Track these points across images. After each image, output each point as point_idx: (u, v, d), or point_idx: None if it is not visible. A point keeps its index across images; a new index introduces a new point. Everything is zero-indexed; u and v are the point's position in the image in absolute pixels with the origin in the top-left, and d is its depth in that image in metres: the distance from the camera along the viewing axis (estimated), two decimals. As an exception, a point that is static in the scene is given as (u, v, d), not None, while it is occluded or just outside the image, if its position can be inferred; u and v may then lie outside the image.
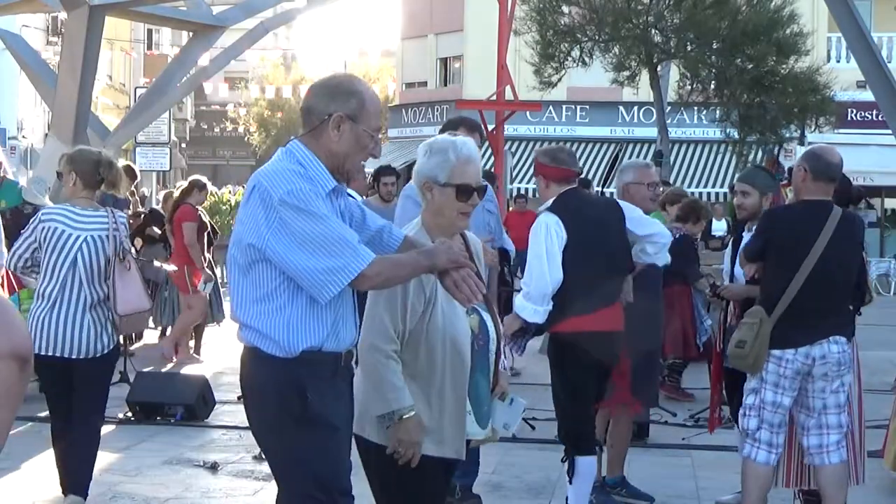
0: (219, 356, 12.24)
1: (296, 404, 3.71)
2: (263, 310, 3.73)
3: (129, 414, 9.02)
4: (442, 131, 6.49)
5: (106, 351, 6.14)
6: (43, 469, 7.12)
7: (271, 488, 7.22)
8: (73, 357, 6.01)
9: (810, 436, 5.93)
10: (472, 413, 4.26)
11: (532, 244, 6.05)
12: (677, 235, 10.36)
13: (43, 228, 6.05)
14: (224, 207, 21.75)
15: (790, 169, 6.80)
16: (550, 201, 6.14)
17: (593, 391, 6.18)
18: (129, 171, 12.71)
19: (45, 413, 8.79)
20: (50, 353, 5.98)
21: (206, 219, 12.43)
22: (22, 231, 6.22)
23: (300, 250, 3.61)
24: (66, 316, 6.00)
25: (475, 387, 4.26)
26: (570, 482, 6.11)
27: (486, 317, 4.32)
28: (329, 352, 3.78)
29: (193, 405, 9.01)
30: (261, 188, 3.68)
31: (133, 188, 14.42)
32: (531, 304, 5.99)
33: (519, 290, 6.64)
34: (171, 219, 12.27)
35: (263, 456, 4.15)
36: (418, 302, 4.05)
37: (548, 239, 5.99)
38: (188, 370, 11.19)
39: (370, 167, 11.89)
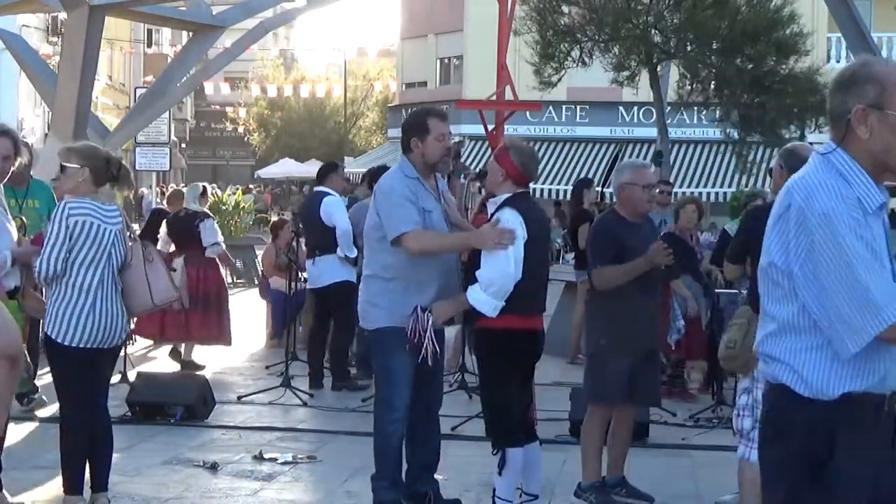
0: (219, 357, 12.23)
1: (821, 451, 3.26)
2: (796, 344, 3.33)
3: (129, 414, 9.02)
4: (406, 131, 6.40)
5: (125, 337, 6.34)
6: (43, 469, 7.12)
7: (271, 488, 7.25)
8: (106, 346, 6.12)
9: None
10: None
11: None
12: (662, 232, 10.32)
13: (76, 223, 5.98)
14: (224, 208, 21.74)
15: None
16: (504, 196, 6.10)
17: (520, 386, 6.18)
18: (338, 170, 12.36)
19: (45, 413, 8.86)
20: (96, 347, 6.04)
21: None
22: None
23: (821, 287, 3.23)
24: (106, 308, 6.05)
25: None
26: (500, 474, 6.06)
27: None
28: (872, 394, 3.28)
29: (193, 405, 9.01)
30: (796, 206, 3.30)
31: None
32: (493, 298, 5.89)
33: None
34: None
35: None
36: None
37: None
38: (188, 370, 11.18)
39: (367, 167, 11.87)
